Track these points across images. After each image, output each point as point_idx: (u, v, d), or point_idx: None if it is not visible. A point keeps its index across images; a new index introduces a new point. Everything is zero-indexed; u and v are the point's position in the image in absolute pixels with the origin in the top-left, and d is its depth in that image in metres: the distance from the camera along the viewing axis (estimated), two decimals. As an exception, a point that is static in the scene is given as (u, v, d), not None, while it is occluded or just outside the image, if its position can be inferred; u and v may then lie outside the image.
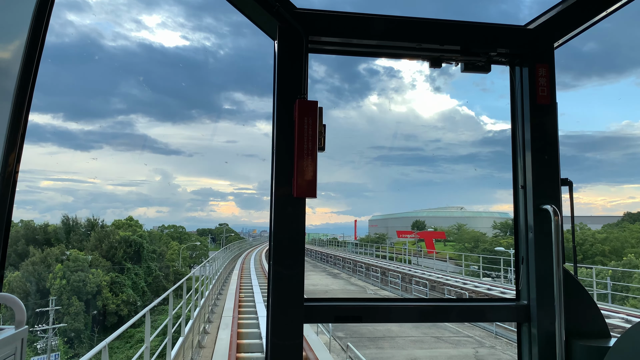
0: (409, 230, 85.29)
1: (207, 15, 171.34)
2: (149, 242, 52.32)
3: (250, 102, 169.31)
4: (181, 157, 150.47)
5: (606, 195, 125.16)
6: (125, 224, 56.83)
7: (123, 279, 45.19)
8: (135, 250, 48.40)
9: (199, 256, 70.10)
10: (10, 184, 2.11)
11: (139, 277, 47.36)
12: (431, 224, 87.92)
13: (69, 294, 39.62)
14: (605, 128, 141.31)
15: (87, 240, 48.98)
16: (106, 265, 45.20)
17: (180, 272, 52.09)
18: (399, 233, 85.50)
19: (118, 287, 44.10)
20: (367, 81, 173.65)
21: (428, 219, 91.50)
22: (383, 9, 2.52)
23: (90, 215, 61.89)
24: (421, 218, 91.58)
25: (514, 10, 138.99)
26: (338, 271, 47.44)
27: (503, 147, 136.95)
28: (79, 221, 52.58)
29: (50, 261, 42.24)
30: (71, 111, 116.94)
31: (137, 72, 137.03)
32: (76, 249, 46.11)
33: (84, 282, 40.83)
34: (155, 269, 50.63)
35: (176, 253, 61.83)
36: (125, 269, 46.31)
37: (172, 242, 67.93)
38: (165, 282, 49.25)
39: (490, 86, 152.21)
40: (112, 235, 48.47)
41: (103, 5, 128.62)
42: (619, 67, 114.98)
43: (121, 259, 46.90)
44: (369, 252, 58.05)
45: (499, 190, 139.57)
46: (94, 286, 41.28)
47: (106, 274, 43.63)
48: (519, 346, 2.60)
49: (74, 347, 37.68)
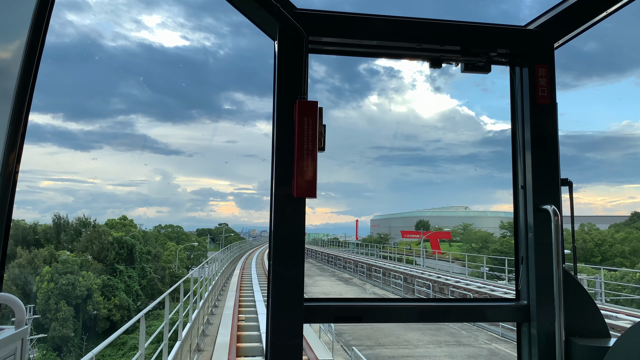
0: (413, 230, 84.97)
1: (207, 15, 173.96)
2: (143, 242, 52.00)
3: (251, 102, 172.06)
4: (181, 157, 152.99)
5: (606, 195, 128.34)
6: (119, 224, 56.61)
7: (115, 282, 44.70)
8: (128, 251, 48.03)
9: (198, 257, 69.17)
10: (10, 184, 2.19)
11: (133, 280, 46.87)
12: (435, 224, 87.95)
13: (56, 299, 38.93)
14: (606, 128, 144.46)
15: (77, 240, 48.71)
16: (97, 267, 44.73)
17: (177, 275, 51.82)
18: (403, 233, 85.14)
19: (110, 291, 43.57)
20: (367, 81, 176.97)
21: (432, 219, 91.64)
22: (383, 9, 2.62)
23: (89, 216, 61.82)
24: (425, 218, 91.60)
25: (514, 10, 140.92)
26: (349, 275, 44.49)
27: (503, 147, 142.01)
28: (69, 220, 52.30)
29: (38, 263, 41.76)
30: (71, 111, 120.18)
31: (137, 72, 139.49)
32: (66, 250, 45.84)
33: (74, 286, 40.24)
34: (150, 271, 50.27)
35: (173, 254, 61.24)
36: (117, 272, 45.85)
37: (168, 242, 67.26)
38: (160, 285, 48.97)
39: (490, 86, 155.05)
40: (103, 235, 48.16)
41: (103, 5, 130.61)
42: (619, 67, 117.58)
43: (113, 261, 46.43)
44: (373, 253, 56.98)
45: (499, 190, 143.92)
46: (84, 290, 40.71)
47: (97, 277, 43.12)
48: (518, 346, 2.68)
49: (62, 355, 36.95)
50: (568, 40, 2.74)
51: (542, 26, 2.68)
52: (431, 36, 2.60)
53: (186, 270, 55.86)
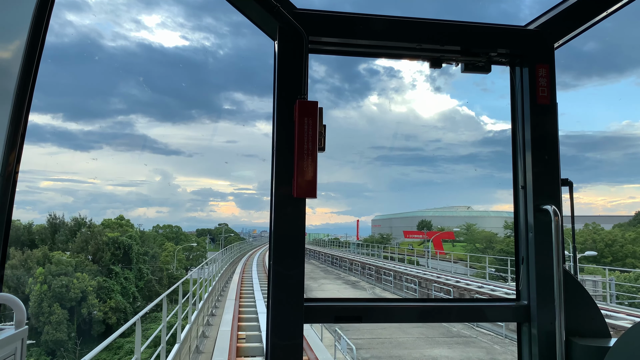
0: (415, 230, 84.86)
1: (206, 15, 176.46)
2: (140, 243, 51.88)
3: (250, 102, 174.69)
4: (181, 157, 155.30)
5: (606, 195, 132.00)
6: (115, 224, 56.49)
7: (111, 283, 44.50)
8: (124, 252, 47.86)
9: (197, 258, 69.02)
10: (10, 184, 2.23)
11: (129, 282, 46.69)
12: (437, 224, 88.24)
13: (50, 301, 38.55)
14: (606, 128, 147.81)
15: (72, 241, 48.58)
16: (93, 268, 44.47)
17: (175, 276, 51.72)
18: (405, 233, 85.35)
19: (106, 293, 43.32)
20: (367, 81, 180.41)
21: (434, 219, 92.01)
22: (383, 9, 2.67)
23: (89, 216, 61.65)
24: (427, 218, 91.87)
25: (514, 10, 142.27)
26: (356, 278, 43.04)
27: (503, 147, 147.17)
28: (65, 220, 52.19)
29: (31, 264, 41.43)
30: (71, 111, 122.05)
31: (137, 72, 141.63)
32: (60, 251, 45.67)
33: (67, 288, 39.79)
34: (147, 273, 50.20)
35: (171, 255, 61.23)
36: (113, 273, 45.66)
37: (166, 243, 67.28)
38: (158, 286, 48.85)
39: (490, 86, 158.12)
40: (99, 236, 48.04)
41: (102, 5, 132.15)
42: (619, 67, 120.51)
43: (109, 262, 46.25)
44: (374, 253, 56.58)
45: (499, 190, 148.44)
46: (78, 292, 40.35)
47: (92, 279, 42.84)
48: (519, 346, 2.73)
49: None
50: (568, 41, 2.79)
51: (542, 26, 2.73)
52: (431, 36, 2.65)
53: (185, 271, 55.69)
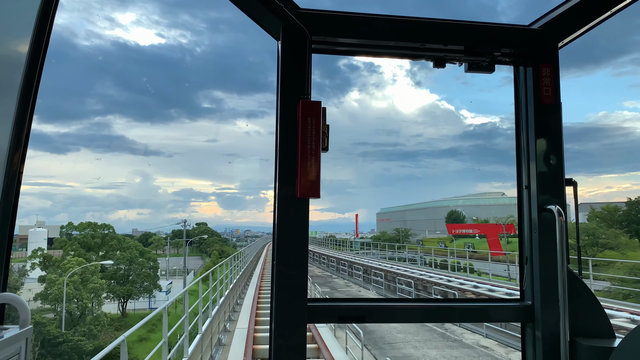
0: (460, 223, 75.85)
1: (182, 12, 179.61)
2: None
3: (230, 99, 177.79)
4: (161, 157, 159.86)
5: (584, 185, 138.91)
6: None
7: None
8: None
9: (136, 282, 46.81)
10: (15, 184, 2.38)
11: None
12: (472, 214, 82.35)
13: None
14: (583, 119, 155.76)
15: None
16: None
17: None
18: (450, 227, 73.38)
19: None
20: (347, 77, 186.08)
21: (466, 208, 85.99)
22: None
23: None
24: (456, 207, 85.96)
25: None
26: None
27: (483, 140, 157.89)
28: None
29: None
30: (46, 113, 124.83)
31: (113, 71, 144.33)
32: None
33: None
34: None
35: (77, 284, 40.58)
36: None
37: (69, 258, 45.33)
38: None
39: (470, 79, 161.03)
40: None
41: (74, 3, 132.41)
42: (596, 58, 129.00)
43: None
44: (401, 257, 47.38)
45: (480, 183, 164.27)
46: None
47: None
48: (523, 347, 2.95)
49: None
50: (572, 40, 3.00)
51: (546, 26, 2.91)
52: (435, 36, 2.85)
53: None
